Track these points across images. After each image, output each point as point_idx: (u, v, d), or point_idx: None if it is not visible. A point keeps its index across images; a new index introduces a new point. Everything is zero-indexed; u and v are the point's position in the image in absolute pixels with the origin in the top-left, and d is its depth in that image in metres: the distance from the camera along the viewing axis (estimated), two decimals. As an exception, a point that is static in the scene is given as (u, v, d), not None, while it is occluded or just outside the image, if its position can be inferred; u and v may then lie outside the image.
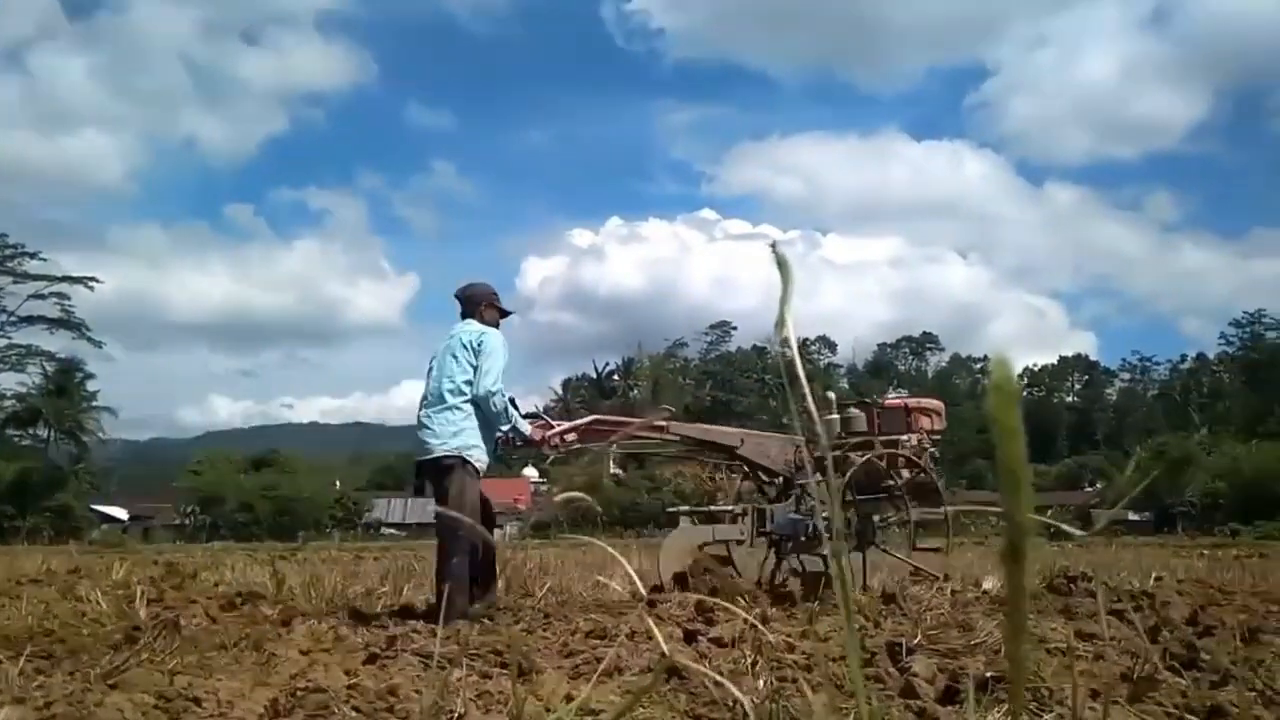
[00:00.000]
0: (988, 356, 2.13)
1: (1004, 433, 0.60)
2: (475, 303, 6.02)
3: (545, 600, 6.23)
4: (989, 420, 0.60)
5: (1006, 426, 0.60)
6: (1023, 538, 0.61)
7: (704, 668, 2.90)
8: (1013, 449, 0.60)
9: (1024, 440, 0.60)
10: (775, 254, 0.85)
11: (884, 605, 4.81)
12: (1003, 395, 0.60)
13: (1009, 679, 0.65)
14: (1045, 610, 4.61)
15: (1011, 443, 0.60)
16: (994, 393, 0.60)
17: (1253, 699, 2.46)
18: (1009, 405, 0.60)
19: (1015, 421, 0.60)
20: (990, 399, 0.60)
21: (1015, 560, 0.62)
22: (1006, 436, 0.60)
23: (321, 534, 54.87)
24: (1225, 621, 3.75)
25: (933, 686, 2.63)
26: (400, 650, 3.50)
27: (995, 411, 0.60)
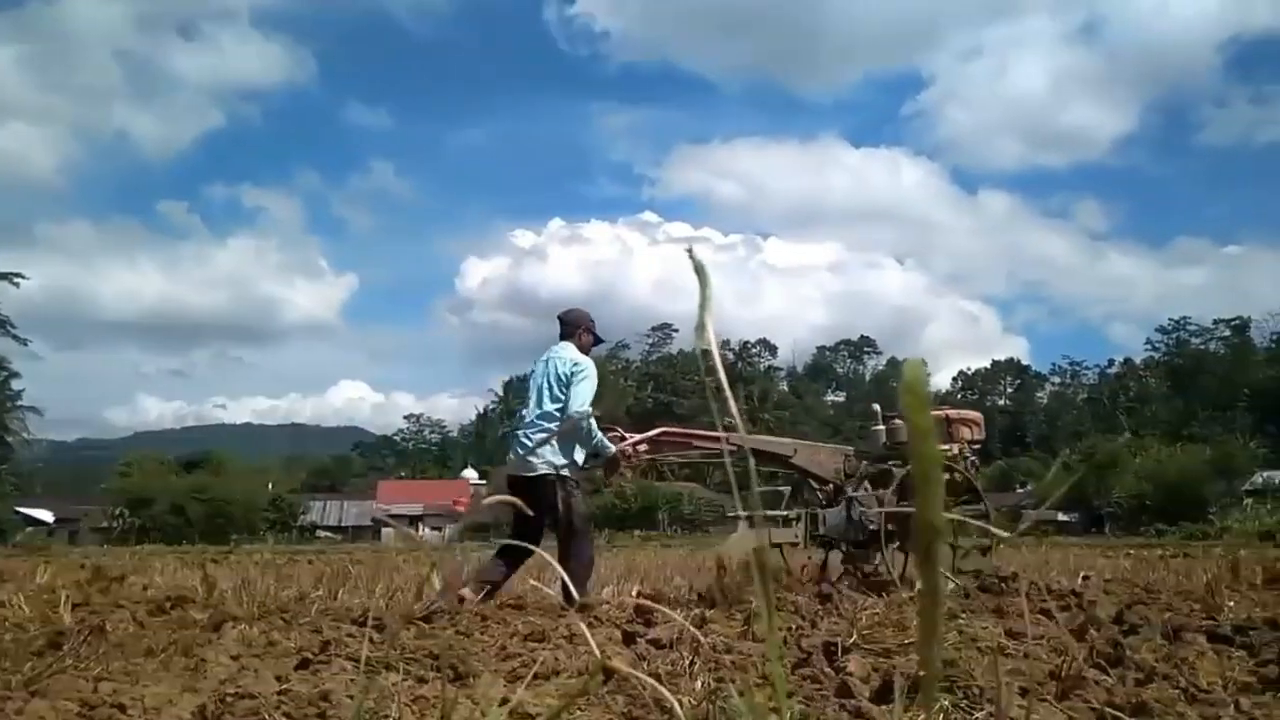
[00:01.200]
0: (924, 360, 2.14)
1: (916, 433, 0.61)
2: (574, 326, 6.55)
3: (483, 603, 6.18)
4: (903, 421, 0.61)
5: (919, 427, 0.61)
6: (935, 537, 0.62)
7: (640, 669, 2.90)
8: (925, 449, 0.61)
9: (936, 440, 0.62)
10: (693, 260, 0.86)
11: (820, 605, 4.85)
12: (915, 396, 0.61)
13: (923, 676, 0.66)
14: (977, 610, 4.70)
15: (924, 443, 0.61)
16: (906, 394, 0.61)
17: (1176, 696, 2.53)
18: (921, 406, 0.61)
19: (927, 422, 0.61)
20: (903, 400, 0.61)
21: (927, 559, 0.63)
22: (919, 436, 0.61)
23: (255, 537, 53.89)
24: (1150, 620, 3.85)
25: (867, 685, 2.66)
26: (334, 655, 3.44)
27: (908, 412, 0.61)
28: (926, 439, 0.61)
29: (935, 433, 0.63)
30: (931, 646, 0.66)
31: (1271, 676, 2.71)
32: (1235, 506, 48.31)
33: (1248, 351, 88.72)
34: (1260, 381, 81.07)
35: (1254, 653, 3.14)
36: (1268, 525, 36.59)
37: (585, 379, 6.14)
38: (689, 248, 0.86)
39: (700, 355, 0.84)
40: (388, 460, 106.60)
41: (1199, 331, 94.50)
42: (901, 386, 0.62)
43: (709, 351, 0.84)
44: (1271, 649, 3.01)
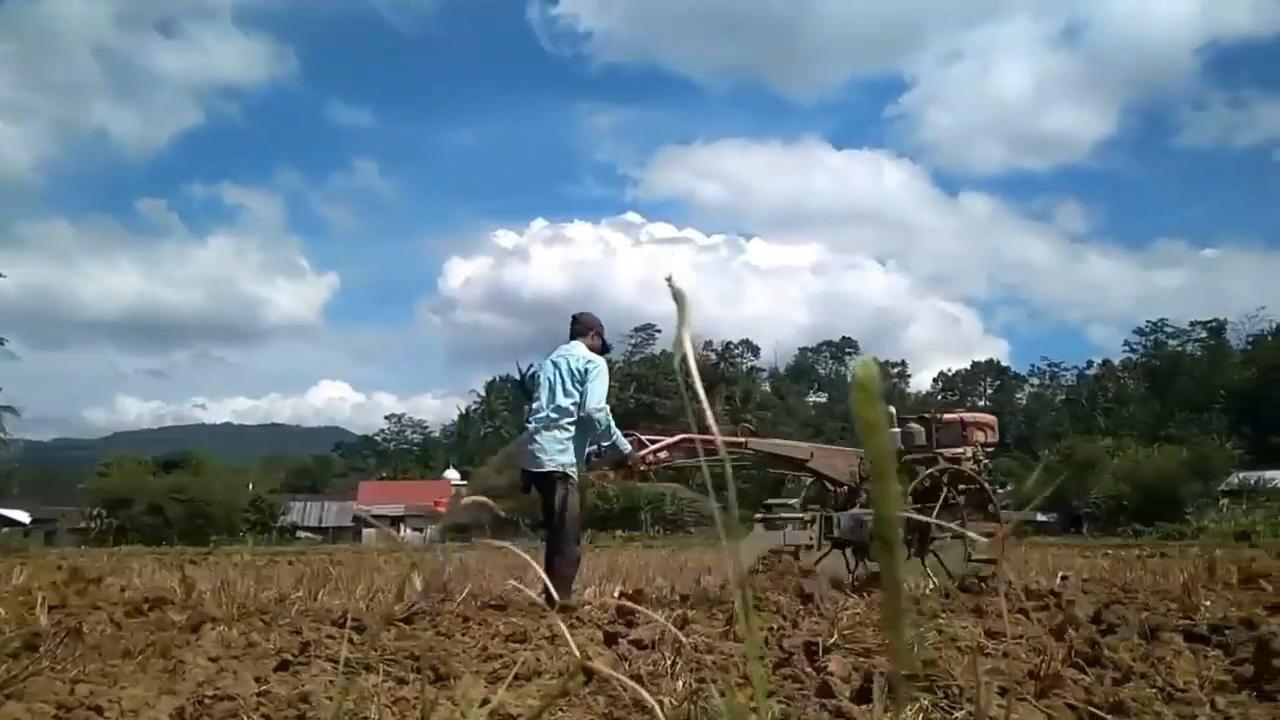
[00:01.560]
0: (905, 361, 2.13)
1: (868, 428, 0.62)
2: (587, 328, 6.74)
3: (465, 604, 6.17)
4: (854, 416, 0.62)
5: (870, 422, 0.61)
6: (891, 531, 0.63)
7: (621, 670, 2.90)
8: (877, 443, 0.62)
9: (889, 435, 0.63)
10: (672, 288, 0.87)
11: (802, 605, 4.87)
12: (865, 393, 0.62)
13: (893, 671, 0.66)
14: (957, 609, 4.72)
15: (875, 437, 0.62)
16: (857, 390, 0.62)
17: (1153, 695, 2.55)
18: (870, 401, 0.62)
19: (878, 416, 0.62)
20: (853, 396, 0.62)
21: (887, 552, 0.64)
22: (870, 431, 0.62)
23: (234, 537, 53.54)
24: (1128, 620, 3.88)
25: (848, 685, 2.66)
26: (313, 656, 3.43)
27: (858, 408, 0.62)
28: (877, 434, 0.62)
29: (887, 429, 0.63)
30: (899, 640, 0.67)
31: (1247, 675, 2.74)
32: (1211, 507, 48.74)
33: (1224, 353, 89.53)
34: (1236, 383, 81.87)
35: (1229, 652, 3.17)
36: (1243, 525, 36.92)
37: (599, 377, 6.33)
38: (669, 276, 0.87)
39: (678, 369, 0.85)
40: (369, 461, 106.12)
41: (1176, 333, 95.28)
42: (852, 384, 0.63)
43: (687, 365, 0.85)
44: (1247, 648, 3.04)
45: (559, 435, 6.26)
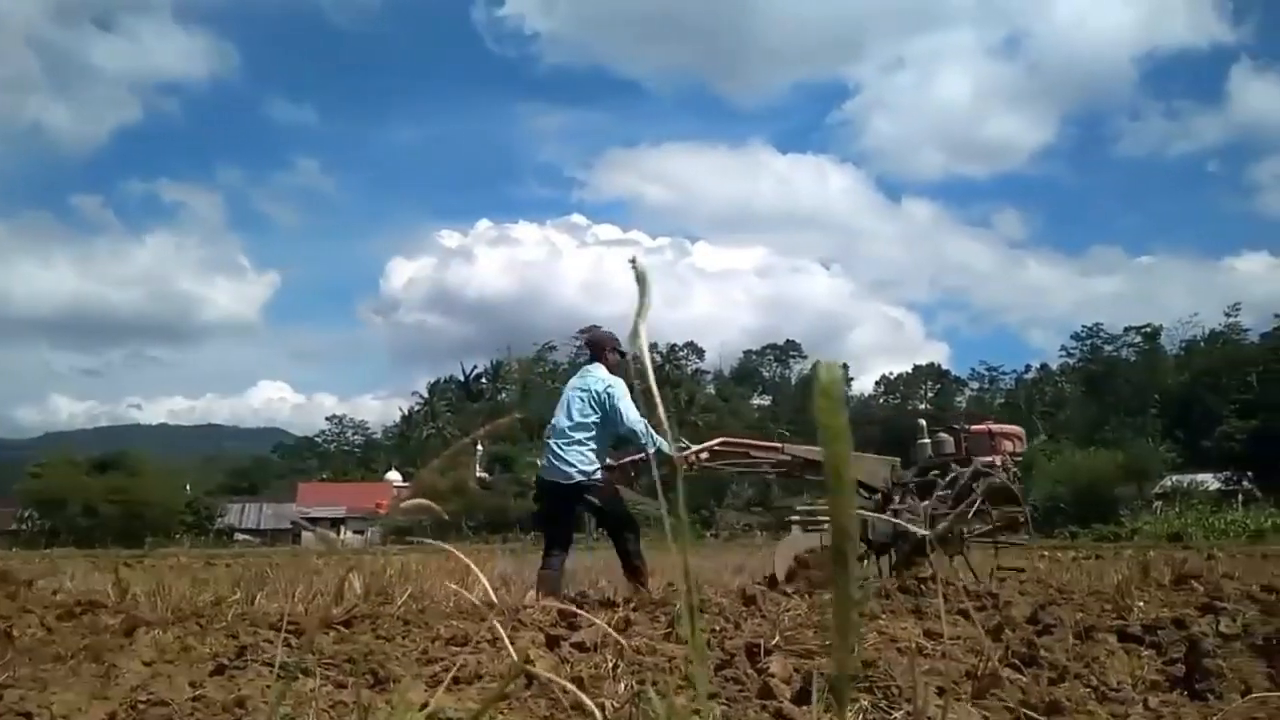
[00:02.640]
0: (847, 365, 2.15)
1: (831, 435, 0.61)
2: (599, 347, 7.13)
3: (405, 607, 6.11)
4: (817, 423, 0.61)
5: (833, 429, 0.61)
6: (846, 539, 0.63)
7: (563, 673, 2.88)
8: (838, 450, 0.61)
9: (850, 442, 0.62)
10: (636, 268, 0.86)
11: (744, 607, 4.88)
12: (829, 399, 0.61)
13: (835, 675, 0.66)
14: (897, 610, 4.77)
15: (837, 444, 0.61)
16: (821, 397, 0.61)
17: (1088, 694, 2.59)
18: (835, 408, 0.61)
19: (842, 424, 0.61)
20: (817, 402, 0.61)
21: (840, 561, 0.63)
22: (833, 438, 0.61)
23: (170, 540, 52.50)
24: (1063, 620, 3.94)
25: (789, 687, 2.68)
26: (250, 661, 3.36)
27: (822, 415, 0.61)
28: (840, 441, 0.61)
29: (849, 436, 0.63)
30: (846, 644, 0.66)
31: (1178, 675, 2.80)
32: (1145, 509, 49.95)
33: (1158, 359, 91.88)
34: (1170, 388, 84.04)
35: (1161, 652, 3.24)
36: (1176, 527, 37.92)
37: (622, 398, 6.67)
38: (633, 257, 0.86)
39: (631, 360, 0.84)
40: (309, 462, 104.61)
41: (1112, 339, 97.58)
42: (816, 389, 0.62)
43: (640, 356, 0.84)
44: (1178, 648, 3.11)
45: (579, 449, 6.70)
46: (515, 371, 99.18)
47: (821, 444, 0.62)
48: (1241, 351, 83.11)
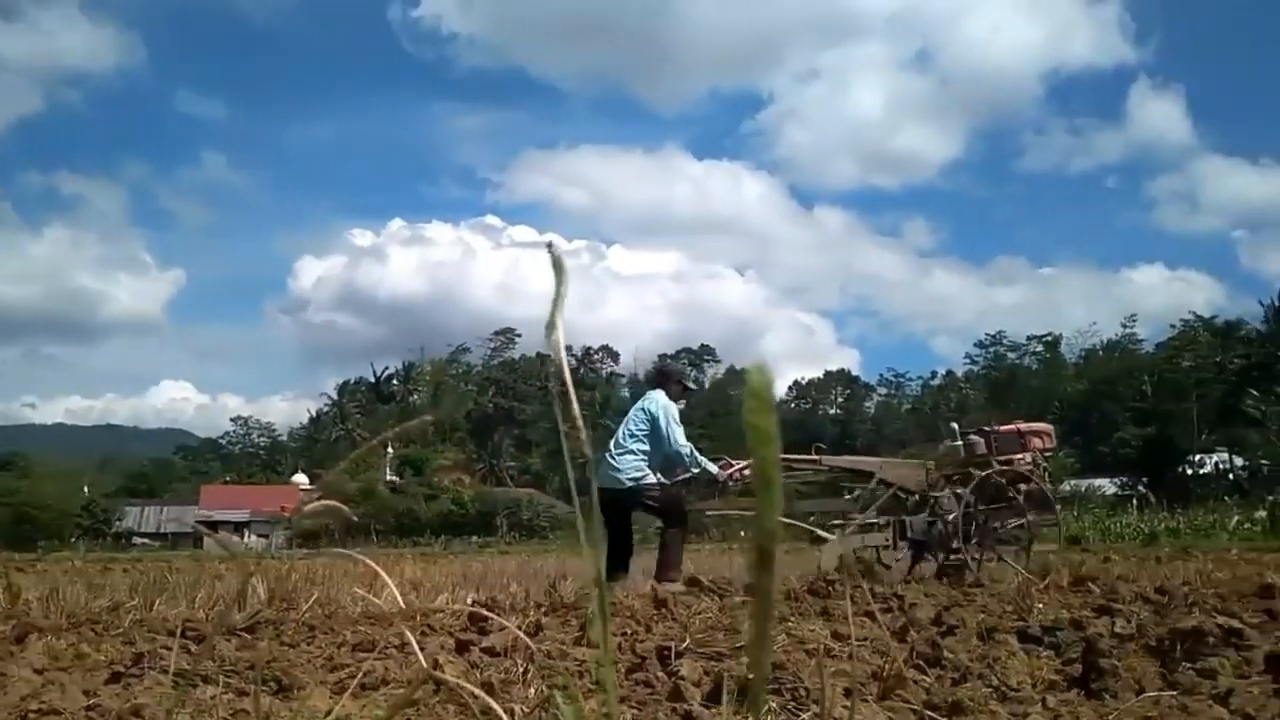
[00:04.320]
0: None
1: (759, 438, 0.60)
2: (666, 377, 8.02)
3: (311, 613, 5.97)
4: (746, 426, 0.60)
5: (762, 431, 0.60)
6: (770, 541, 0.62)
7: (473, 678, 2.84)
8: (766, 453, 0.60)
9: (778, 445, 0.61)
10: (552, 255, 0.85)
11: (655, 610, 4.89)
12: (759, 401, 0.60)
13: (754, 679, 0.65)
14: (805, 612, 4.82)
15: (765, 447, 0.60)
16: (750, 399, 0.60)
17: (989, 694, 2.65)
18: (765, 411, 0.60)
19: (770, 426, 0.60)
20: (747, 405, 0.60)
21: (762, 564, 0.62)
22: (761, 441, 0.60)
23: (65, 544, 50.57)
24: (966, 621, 4.03)
25: (699, 689, 2.68)
26: (147, 668, 3.25)
27: (752, 417, 0.60)
28: (768, 444, 0.60)
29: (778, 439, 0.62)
30: (763, 649, 0.65)
31: (1075, 675, 2.88)
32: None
33: (1059, 366, 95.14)
34: (1070, 395, 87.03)
35: (1060, 652, 3.33)
36: (1074, 531, 39.14)
37: (674, 421, 7.42)
38: (549, 243, 0.85)
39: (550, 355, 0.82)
40: (212, 464, 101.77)
41: (1014, 346, 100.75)
42: (746, 391, 0.61)
43: (555, 350, 0.83)
44: (1076, 649, 3.20)
45: (631, 459, 7.38)
46: (428, 373, 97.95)
47: (749, 446, 0.61)
48: (1137, 360, 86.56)
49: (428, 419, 60.64)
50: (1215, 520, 29.59)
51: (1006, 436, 8.19)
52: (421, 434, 76.68)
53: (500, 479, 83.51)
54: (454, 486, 70.66)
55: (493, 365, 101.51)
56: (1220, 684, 2.64)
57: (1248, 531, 26.68)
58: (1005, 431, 8.30)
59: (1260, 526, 27.79)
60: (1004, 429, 8.40)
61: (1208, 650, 2.96)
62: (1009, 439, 8.15)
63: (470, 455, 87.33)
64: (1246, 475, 52.42)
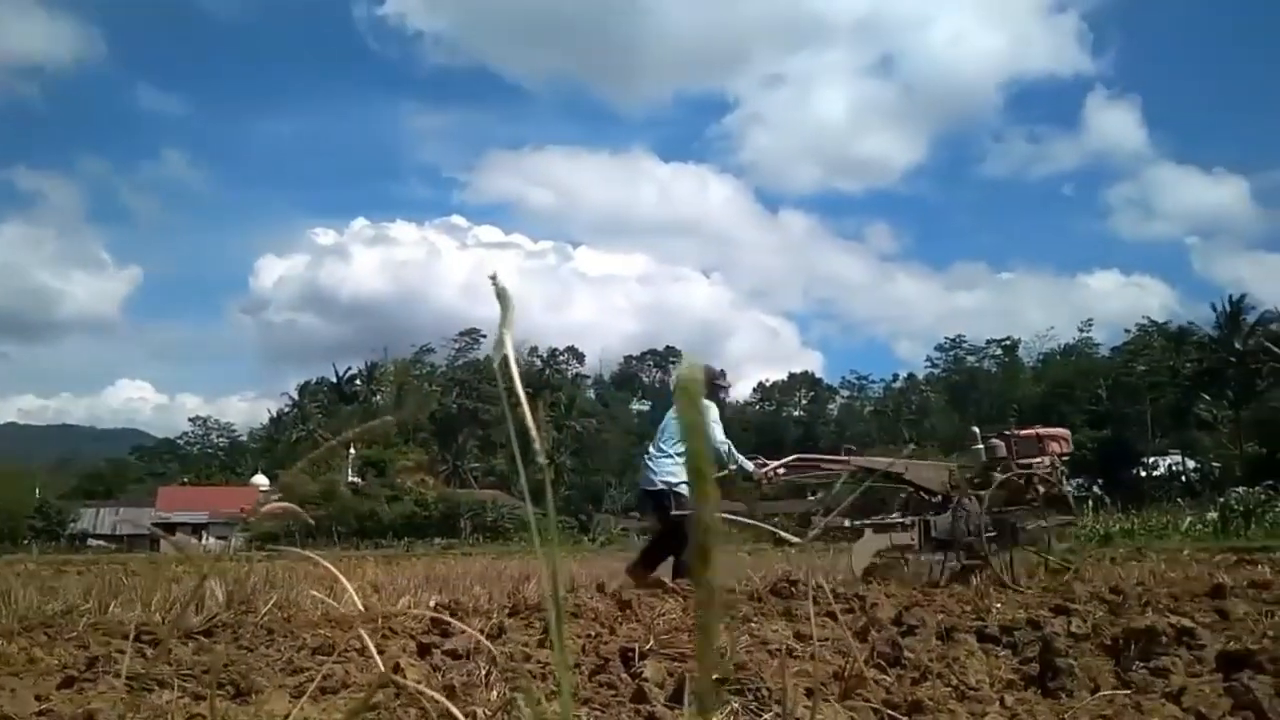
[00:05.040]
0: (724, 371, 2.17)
1: (689, 430, 0.61)
2: None
3: (270, 615, 5.91)
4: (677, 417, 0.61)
5: (692, 424, 0.61)
6: (710, 538, 0.62)
7: (435, 681, 2.83)
8: (696, 446, 0.61)
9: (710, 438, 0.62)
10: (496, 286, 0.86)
11: (620, 612, 4.89)
12: (687, 394, 0.61)
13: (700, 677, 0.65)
14: (768, 613, 4.85)
15: (696, 440, 0.61)
16: (679, 392, 0.61)
17: (948, 694, 2.68)
18: (694, 403, 0.61)
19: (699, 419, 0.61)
20: (676, 397, 0.61)
21: (704, 561, 0.62)
22: (692, 434, 0.61)
23: (18, 545, 49.62)
24: (926, 621, 4.07)
25: (662, 690, 2.68)
26: (102, 672, 3.20)
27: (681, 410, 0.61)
28: (697, 436, 0.61)
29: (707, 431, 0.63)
30: (709, 644, 0.66)
31: (1032, 674, 2.92)
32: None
33: (1017, 370, 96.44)
34: (1027, 398, 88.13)
35: (1017, 651, 3.37)
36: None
37: (712, 419, 7.67)
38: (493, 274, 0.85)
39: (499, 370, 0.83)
40: (170, 465, 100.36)
41: (974, 350, 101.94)
42: (675, 384, 0.62)
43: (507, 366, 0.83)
44: (1033, 648, 3.24)
45: (666, 463, 7.81)
46: (391, 374, 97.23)
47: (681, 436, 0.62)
48: (1093, 364, 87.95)
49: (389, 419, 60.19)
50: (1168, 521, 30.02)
51: (1026, 440, 8.49)
52: (384, 435, 76.12)
53: (464, 480, 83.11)
54: (417, 488, 70.19)
55: (457, 366, 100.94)
56: (1173, 682, 2.68)
57: (1199, 532, 27.12)
58: (1025, 436, 8.60)
59: (1211, 527, 28.29)
60: (1024, 433, 8.71)
61: (1161, 649, 3.01)
62: (1028, 443, 8.46)
63: (434, 456, 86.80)
64: (1199, 477, 53.30)
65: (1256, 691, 2.42)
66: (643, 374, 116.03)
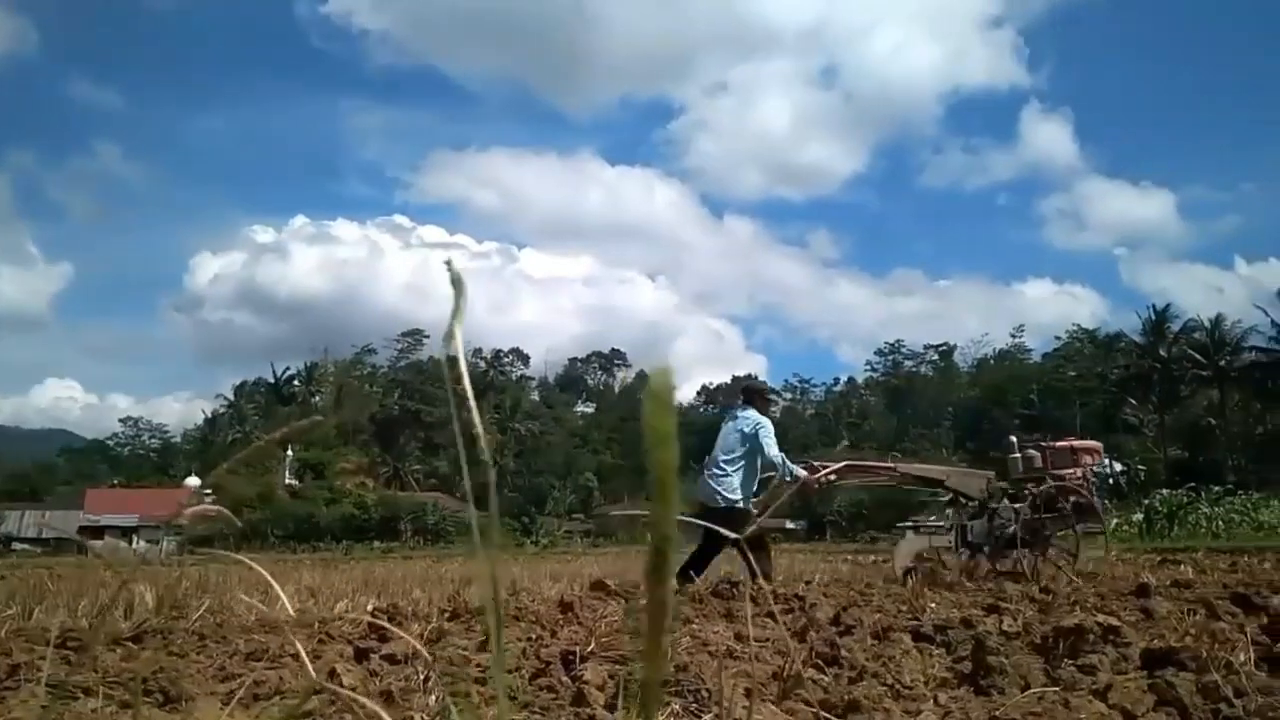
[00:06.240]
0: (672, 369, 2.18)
1: (658, 439, 0.60)
2: (753, 394, 8.80)
3: (202, 621, 5.79)
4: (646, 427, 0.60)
5: (661, 433, 0.60)
6: (667, 543, 0.62)
7: (372, 686, 2.80)
8: (665, 455, 0.60)
9: (676, 447, 0.61)
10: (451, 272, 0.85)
11: (561, 614, 4.88)
12: (659, 403, 0.60)
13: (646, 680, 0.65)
14: (709, 614, 4.87)
15: (664, 449, 0.60)
16: (651, 400, 0.61)
17: (884, 692, 2.71)
18: (665, 412, 0.61)
19: (670, 428, 0.61)
20: (647, 405, 0.60)
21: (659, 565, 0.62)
22: (660, 442, 0.60)
23: (-64, 551, 48.03)
24: (863, 621, 4.12)
25: (602, 693, 2.68)
26: (24, 680, 3.11)
27: (652, 419, 0.60)
28: (667, 446, 0.60)
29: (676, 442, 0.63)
30: (659, 648, 0.65)
31: (965, 672, 2.97)
32: (939, 514, 53.17)
33: (953, 374, 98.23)
34: (962, 402, 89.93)
35: (951, 650, 3.43)
36: (965, 532, 40.29)
37: (769, 435, 8.15)
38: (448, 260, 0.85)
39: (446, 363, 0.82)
40: (99, 467, 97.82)
41: (912, 355, 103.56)
42: (646, 393, 0.61)
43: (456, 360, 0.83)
44: (966, 646, 3.29)
45: (730, 479, 8.11)
46: (331, 374, 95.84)
47: (646, 447, 0.61)
48: (1025, 369, 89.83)
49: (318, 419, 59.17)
50: (1097, 522, 30.69)
51: (1060, 452, 8.96)
52: (323, 436, 75.03)
53: (405, 483, 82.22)
54: (357, 490, 69.29)
55: (399, 367, 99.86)
56: (1100, 680, 2.75)
57: (1125, 533, 27.84)
58: (1059, 448, 9.07)
59: (1137, 529, 29.08)
60: (1058, 445, 9.19)
61: (1088, 647, 3.09)
62: (1062, 454, 8.92)
63: (374, 458, 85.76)
64: (1125, 480, 54.69)
65: (1179, 688, 2.49)
66: (588, 376, 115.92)
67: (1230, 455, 62.34)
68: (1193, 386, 69.75)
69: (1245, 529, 27.88)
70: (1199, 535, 25.86)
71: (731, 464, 8.17)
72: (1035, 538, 8.34)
